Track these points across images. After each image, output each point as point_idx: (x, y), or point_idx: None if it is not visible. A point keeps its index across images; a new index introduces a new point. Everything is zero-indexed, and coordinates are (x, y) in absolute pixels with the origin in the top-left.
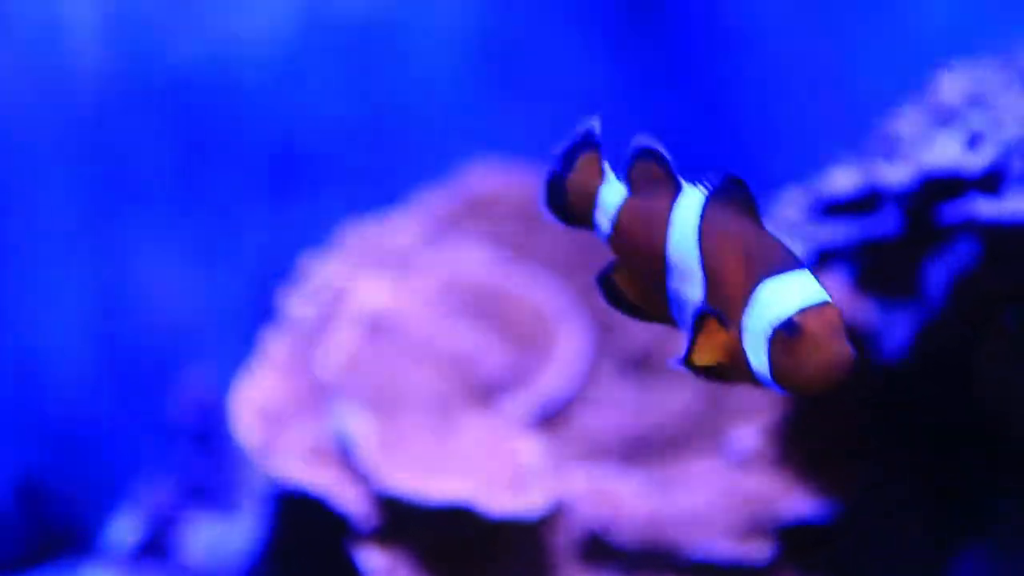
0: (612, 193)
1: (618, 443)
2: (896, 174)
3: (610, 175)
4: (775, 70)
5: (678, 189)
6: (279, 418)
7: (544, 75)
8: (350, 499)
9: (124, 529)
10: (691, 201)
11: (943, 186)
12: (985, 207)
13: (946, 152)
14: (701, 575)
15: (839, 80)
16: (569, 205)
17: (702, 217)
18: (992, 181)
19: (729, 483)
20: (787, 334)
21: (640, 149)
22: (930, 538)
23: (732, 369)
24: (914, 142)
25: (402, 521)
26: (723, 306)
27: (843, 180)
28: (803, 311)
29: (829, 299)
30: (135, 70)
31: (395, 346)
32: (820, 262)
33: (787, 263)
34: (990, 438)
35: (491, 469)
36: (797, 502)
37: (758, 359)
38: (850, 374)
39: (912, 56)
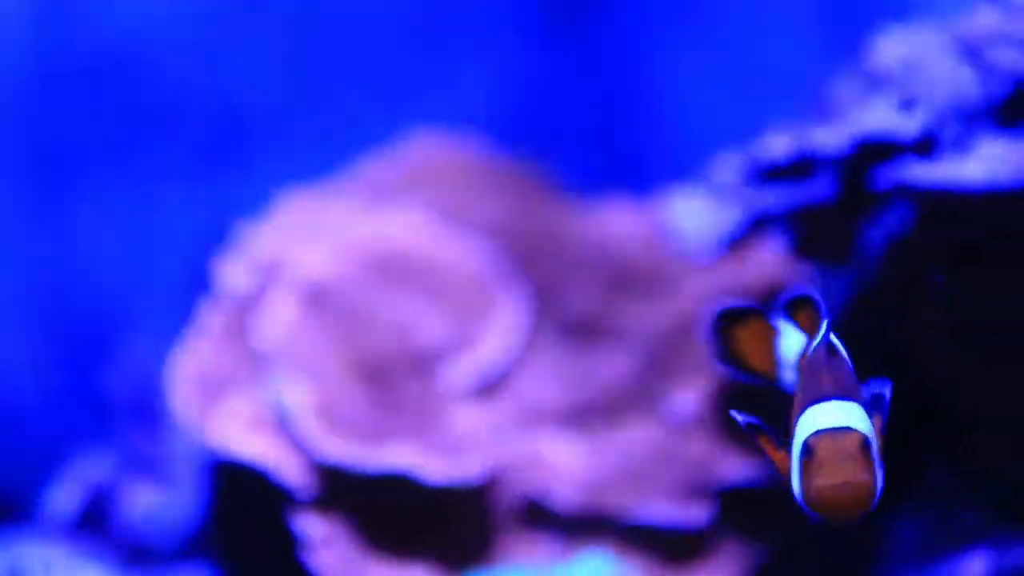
0: (793, 343)
1: (558, 409)
2: (830, 138)
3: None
4: (701, 47)
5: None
6: (216, 388)
7: (478, 43)
8: (288, 468)
9: (61, 500)
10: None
11: (877, 150)
12: (919, 172)
13: (880, 116)
14: (640, 539)
15: (770, 50)
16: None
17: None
18: (926, 145)
19: (669, 447)
20: (804, 457)
21: (800, 294)
22: None
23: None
24: (849, 107)
25: (341, 490)
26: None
27: (778, 145)
28: (819, 434)
29: (857, 428)
30: (65, 40)
31: (333, 315)
32: (756, 228)
33: (834, 390)
34: (927, 404)
35: (430, 436)
36: (736, 466)
37: (795, 481)
38: (864, 501)
39: (845, 25)
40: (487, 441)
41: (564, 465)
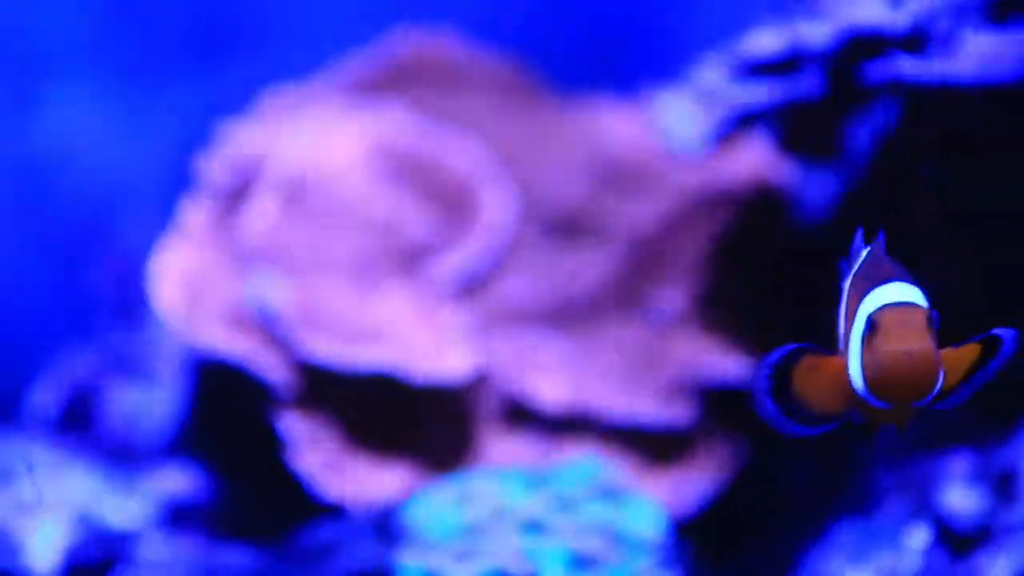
0: None
1: (542, 308)
2: (818, 34)
3: None
4: None
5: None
6: (199, 287)
7: None
8: (271, 367)
9: (45, 399)
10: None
11: (865, 45)
12: (909, 67)
13: (869, 11)
14: (623, 439)
15: None
16: None
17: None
18: (916, 41)
19: (652, 347)
20: (869, 331)
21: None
22: None
23: (836, 397)
24: (837, 3)
25: (324, 388)
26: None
27: (766, 41)
28: (884, 308)
29: (919, 305)
30: None
31: (316, 212)
32: (744, 125)
33: (890, 276)
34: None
35: (414, 335)
36: (720, 365)
37: (854, 365)
38: (929, 376)
39: None
40: (471, 340)
41: (548, 365)
